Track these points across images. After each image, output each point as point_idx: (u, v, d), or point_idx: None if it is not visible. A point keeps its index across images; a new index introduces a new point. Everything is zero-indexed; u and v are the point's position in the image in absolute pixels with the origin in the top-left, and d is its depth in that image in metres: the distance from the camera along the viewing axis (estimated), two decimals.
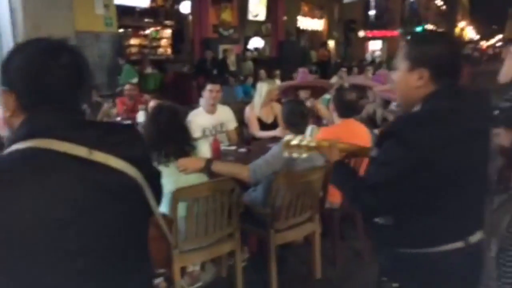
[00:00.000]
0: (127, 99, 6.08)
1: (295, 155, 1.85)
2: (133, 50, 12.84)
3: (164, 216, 1.36)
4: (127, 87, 6.22)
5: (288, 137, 1.89)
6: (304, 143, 1.83)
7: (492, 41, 76.71)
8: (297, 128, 2.89)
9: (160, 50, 13.91)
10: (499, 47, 61.84)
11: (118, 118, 5.61)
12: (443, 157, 1.39)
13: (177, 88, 9.65)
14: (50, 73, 1.03)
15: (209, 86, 4.10)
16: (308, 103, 4.71)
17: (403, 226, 1.50)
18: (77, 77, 1.08)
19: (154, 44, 13.93)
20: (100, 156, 1.03)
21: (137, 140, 1.18)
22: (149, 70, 9.67)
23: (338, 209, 3.31)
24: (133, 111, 5.65)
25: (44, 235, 0.96)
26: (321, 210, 3.16)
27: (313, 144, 1.82)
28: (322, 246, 3.19)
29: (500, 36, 79.66)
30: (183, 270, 2.85)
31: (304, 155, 1.85)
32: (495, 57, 46.02)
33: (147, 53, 12.40)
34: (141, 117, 4.96)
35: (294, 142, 1.84)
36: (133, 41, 13.20)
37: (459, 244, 1.47)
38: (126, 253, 1.12)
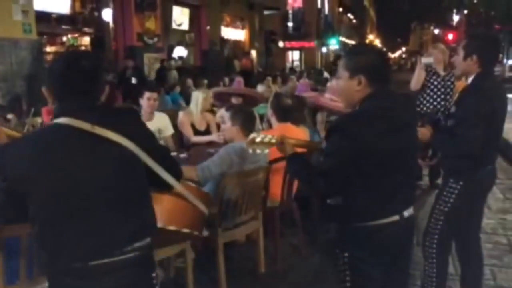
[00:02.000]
0: (53, 109, 5.87)
1: (258, 151, 2.11)
2: (49, 58, 12.20)
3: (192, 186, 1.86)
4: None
5: (253, 135, 2.15)
6: (266, 140, 2.09)
7: (397, 53, 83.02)
8: (250, 129, 3.11)
9: None
10: (404, 58, 67.21)
11: None
12: (378, 146, 1.71)
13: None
14: (71, 76, 1.53)
15: (147, 94, 4.17)
16: None
17: (349, 205, 1.81)
18: (90, 77, 1.55)
19: None
20: (100, 130, 1.46)
21: (134, 120, 1.63)
22: None
23: (277, 207, 3.53)
24: None
25: (60, 184, 1.45)
26: (263, 209, 3.36)
27: (273, 140, 2.08)
28: (264, 243, 3.39)
29: (404, 49, 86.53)
30: None
31: (266, 151, 2.11)
32: (401, 67, 50.05)
33: None
34: None
35: (258, 139, 2.11)
36: (49, 48, 12.52)
37: (395, 218, 1.80)
38: (117, 204, 1.51)
